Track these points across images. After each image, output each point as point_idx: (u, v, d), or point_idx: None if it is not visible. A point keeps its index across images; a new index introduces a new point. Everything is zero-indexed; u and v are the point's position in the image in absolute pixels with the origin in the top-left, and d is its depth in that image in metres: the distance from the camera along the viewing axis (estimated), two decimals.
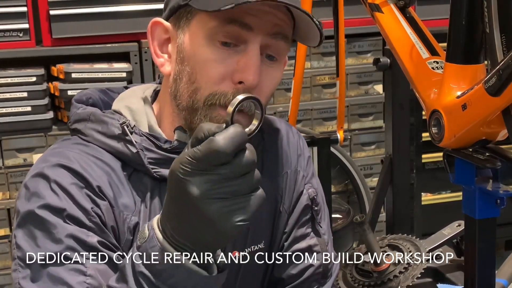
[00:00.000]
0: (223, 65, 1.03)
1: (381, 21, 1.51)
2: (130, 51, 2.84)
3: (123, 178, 1.06)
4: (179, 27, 1.06)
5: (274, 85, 1.08)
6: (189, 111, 1.05)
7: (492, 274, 1.34)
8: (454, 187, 2.83)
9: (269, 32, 1.03)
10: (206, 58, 1.03)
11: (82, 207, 0.99)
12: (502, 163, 1.23)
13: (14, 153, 2.79)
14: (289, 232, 1.21)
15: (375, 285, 1.61)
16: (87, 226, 0.99)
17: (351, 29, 2.89)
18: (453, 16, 1.27)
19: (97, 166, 1.04)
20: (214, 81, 1.03)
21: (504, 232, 3.24)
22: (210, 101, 1.03)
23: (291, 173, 1.22)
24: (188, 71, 1.04)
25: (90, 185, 1.02)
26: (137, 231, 1.04)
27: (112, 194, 1.03)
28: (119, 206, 1.04)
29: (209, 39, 1.03)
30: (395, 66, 1.89)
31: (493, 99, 1.15)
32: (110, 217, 1.02)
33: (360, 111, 3.19)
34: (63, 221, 0.98)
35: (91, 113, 1.10)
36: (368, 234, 1.64)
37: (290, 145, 1.24)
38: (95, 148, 1.07)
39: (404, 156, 2.12)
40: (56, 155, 1.05)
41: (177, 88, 1.06)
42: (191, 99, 1.05)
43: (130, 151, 1.06)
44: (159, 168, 1.06)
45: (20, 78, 2.76)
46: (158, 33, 1.09)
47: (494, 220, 1.31)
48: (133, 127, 1.07)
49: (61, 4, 2.80)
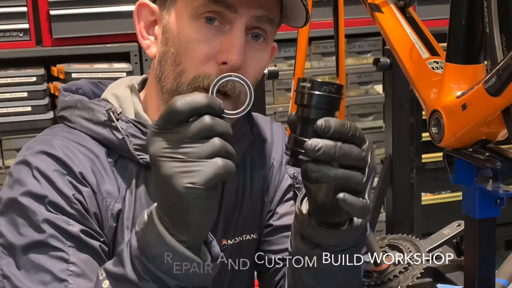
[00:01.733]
0: (207, 45, 1.01)
1: (381, 21, 1.51)
2: (130, 51, 2.84)
3: (107, 165, 1.06)
4: (165, 8, 1.06)
5: (260, 68, 1.07)
6: (173, 93, 1.04)
7: (492, 274, 1.34)
8: (454, 187, 2.83)
9: (254, 14, 1.02)
10: (190, 38, 1.02)
11: (64, 194, 1.00)
12: (502, 163, 1.23)
13: (14, 153, 2.79)
14: (273, 211, 1.22)
15: (375, 285, 1.61)
16: (69, 213, 0.99)
17: (351, 29, 2.89)
18: (453, 16, 1.27)
19: (80, 153, 1.04)
20: (199, 61, 1.02)
21: (504, 232, 3.24)
22: (194, 84, 1.02)
23: (276, 165, 1.23)
24: (172, 52, 1.03)
25: (72, 172, 1.02)
26: (121, 218, 1.05)
27: (95, 180, 1.03)
28: (102, 192, 1.04)
29: (193, 18, 1.02)
30: (395, 66, 1.89)
31: (493, 99, 1.15)
32: (93, 204, 1.03)
33: (360, 111, 3.19)
34: (45, 208, 0.98)
35: (78, 100, 1.10)
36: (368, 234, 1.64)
37: (274, 137, 1.25)
38: (80, 135, 1.07)
39: (404, 156, 2.12)
40: (40, 142, 1.06)
41: (162, 70, 1.06)
42: (175, 82, 1.04)
43: (116, 137, 1.06)
44: (145, 155, 1.06)
45: (20, 78, 2.77)
46: (144, 15, 1.09)
47: (494, 220, 1.31)
48: (119, 114, 1.07)
49: (61, 4, 2.80)
